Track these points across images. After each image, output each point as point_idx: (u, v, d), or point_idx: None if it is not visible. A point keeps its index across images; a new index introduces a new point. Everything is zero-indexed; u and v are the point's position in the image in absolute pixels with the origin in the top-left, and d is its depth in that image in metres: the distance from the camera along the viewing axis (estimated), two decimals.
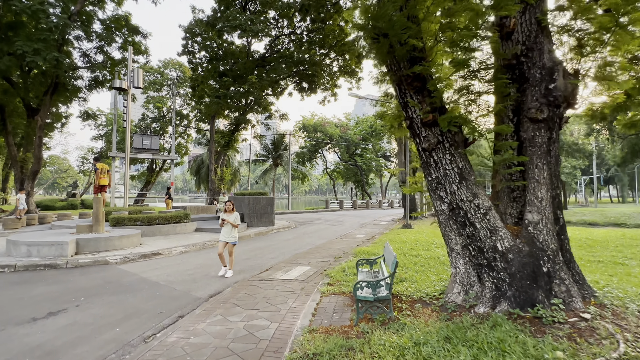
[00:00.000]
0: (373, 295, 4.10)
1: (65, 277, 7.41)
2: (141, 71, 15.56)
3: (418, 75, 4.23)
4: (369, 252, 9.22)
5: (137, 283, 6.96)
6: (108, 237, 9.67)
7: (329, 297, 5.50)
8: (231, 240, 7.35)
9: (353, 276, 6.62)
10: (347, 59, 28.92)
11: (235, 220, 7.39)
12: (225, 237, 7.34)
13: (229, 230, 7.34)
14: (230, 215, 7.42)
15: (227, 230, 7.34)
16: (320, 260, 8.68)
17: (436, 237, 12.38)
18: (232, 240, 7.36)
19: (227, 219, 7.32)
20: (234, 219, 7.38)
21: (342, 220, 22.45)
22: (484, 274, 4.18)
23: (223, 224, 7.37)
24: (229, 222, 7.31)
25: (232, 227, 7.37)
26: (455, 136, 4.27)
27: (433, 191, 4.43)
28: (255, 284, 6.50)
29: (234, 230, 7.41)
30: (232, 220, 7.33)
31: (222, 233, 7.39)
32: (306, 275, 7.10)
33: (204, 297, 6.05)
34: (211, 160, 28.47)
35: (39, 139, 21.92)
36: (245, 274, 7.83)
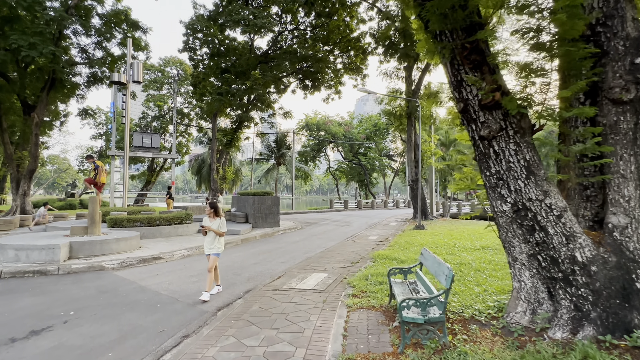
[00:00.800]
0: (423, 316, 3.34)
1: (55, 285, 6.65)
2: (141, 65, 14.82)
3: (476, 46, 3.46)
4: (388, 257, 8.45)
5: (135, 293, 6.19)
6: (104, 239, 8.91)
7: (357, 312, 4.73)
8: (214, 251, 6.04)
9: (379, 286, 5.86)
10: (352, 56, 28.17)
11: (220, 227, 6.05)
12: (208, 248, 6.07)
13: (211, 239, 6.03)
14: (213, 220, 6.11)
15: (210, 239, 6.04)
16: (337, 266, 7.91)
17: (456, 239, 11.62)
18: (214, 251, 6.04)
19: (210, 226, 5.99)
20: (218, 225, 6.06)
21: (349, 220, 21.68)
22: (558, 290, 3.41)
23: (205, 231, 6.01)
24: (211, 229, 5.96)
25: (216, 236, 6.04)
26: (520, 121, 3.50)
27: (492, 188, 3.66)
28: (269, 294, 5.73)
29: (219, 239, 6.07)
30: (216, 227, 6.01)
31: (205, 243, 6.13)
32: (325, 284, 6.33)
33: (211, 311, 5.29)
34: (213, 159, 27.70)
35: (35, 137, 21.17)
36: (256, 281, 7.07)
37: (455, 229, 15.67)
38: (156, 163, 35.85)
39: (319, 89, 30.15)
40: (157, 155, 26.00)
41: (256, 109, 29.66)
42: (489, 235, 12.92)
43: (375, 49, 26.41)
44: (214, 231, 6.00)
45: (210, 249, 6.05)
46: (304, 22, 28.43)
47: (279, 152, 41.24)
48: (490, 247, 9.69)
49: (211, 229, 6.00)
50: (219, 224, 6.09)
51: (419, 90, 20.73)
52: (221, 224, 6.12)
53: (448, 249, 9.64)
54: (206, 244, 6.10)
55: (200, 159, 41.17)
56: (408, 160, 20.92)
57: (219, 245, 6.12)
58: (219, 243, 6.10)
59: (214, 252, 6.05)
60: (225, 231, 6.16)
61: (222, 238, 6.16)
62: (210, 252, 6.04)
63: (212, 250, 6.04)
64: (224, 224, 6.16)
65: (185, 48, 26.26)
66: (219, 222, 6.11)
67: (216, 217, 6.14)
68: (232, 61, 26.13)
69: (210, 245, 6.05)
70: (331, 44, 27.62)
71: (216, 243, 6.07)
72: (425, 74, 21.17)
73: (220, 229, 6.08)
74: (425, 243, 10.75)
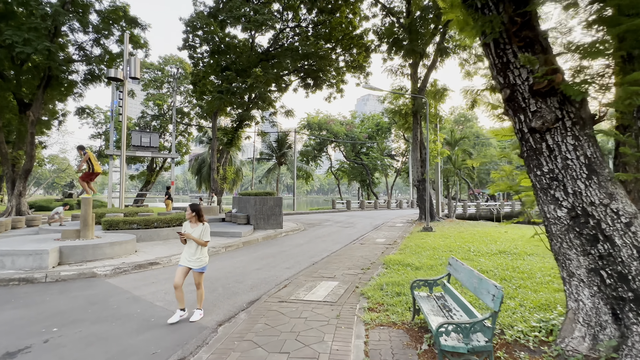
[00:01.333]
0: (465, 344, 2.77)
1: (41, 295, 6.09)
2: (138, 60, 14.27)
3: (528, 21, 2.90)
4: (401, 262, 7.88)
5: (128, 304, 5.63)
6: (97, 244, 8.35)
7: (377, 330, 4.17)
8: (196, 265, 4.85)
9: (397, 297, 5.29)
10: (355, 54, 27.62)
11: (203, 235, 4.91)
12: (186, 261, 4.88)
13: (192, 250, 4.89)
14: (195, 226, 4.95)
15: (191, 250, 4.90)
16: (347, 273, 7.34)
17: (468, 242, 11.05)
18: (197, 265, 4.86)
19: (190, 234, 4.85)
20: (201, 233, 4.90)
21: (352, 221, 21.10)
22: (627, 313, 2.84)
23: (185, 239, 4.88)
24: (191, 237, 4.82)
25: (198, 246, 4.90)
26: (580, 110, 2.94)
27: (543, 190, 3.09)
28: (276, 307, 5.16)
29: (202, 250, 4.93)
30: (198, 235, 4.87)
31: (183, 254, 4.98)
32: (336, 294, 5.76)
33: (211, 326, 4.72)
34: (213, 158, 27.16)
35: (31, 136, 20.62)
36: (260, 289, 6.51)
37: (465, 230, 15.10)
38: (156, 163, 35.32)
39: (320, 87, 29.63)
40: (157, 154, 25.41)
41: (257, 107, 29.10)
42: (502, 237, 12.35)
43: (379, 47, 25.86)
44: (195, 240, 4.84)
45: (190, 262, 4.88)
46: (305, 19, 27.90)
47: (280, 152, 40.68)
48: (508, 252, 9.12)
49: (192, 238, 4.83)
50: (201, 231, 4.92)
51: (425, 87, 20.16)
52: (204, 232, 4.95)
53: (463, 253, 9.06)
54: (185, 256, 4.92)
55: (200, 159, 40.64)
56: (413, 160, 20.34)
57: (203, 257, 4.95)
58: (202, 255, 4.93)
59: (197, 267, 4.88)
60: (209, 240, 4.99)
61: (205, 249, 5.00)
62: (193, 267, 4.87)
63: (194, 264, 4.88)
64: (207, 232, 4.98)
65: (185, 46, 25.73)
66: (202, 228, 4.94)
67: (198, 223, 4.98)
68: (232, 59, 25.58)
69: (191, 258, 4.90)
70: (333, 42, 27.08)
71: (199, 255, 4.90)
72: (432, 71, 20.60)
73: (203, 237, 4.91)
74: (437, 247, 10.18)
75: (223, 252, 10.52)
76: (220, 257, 9.81)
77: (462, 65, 21.71)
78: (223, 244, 11.17)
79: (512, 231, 15.01)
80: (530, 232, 14.85)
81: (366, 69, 28.32)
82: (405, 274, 6.74)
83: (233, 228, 14.08)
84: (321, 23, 26.78)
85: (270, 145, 41.59)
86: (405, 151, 47.03)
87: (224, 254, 10.35)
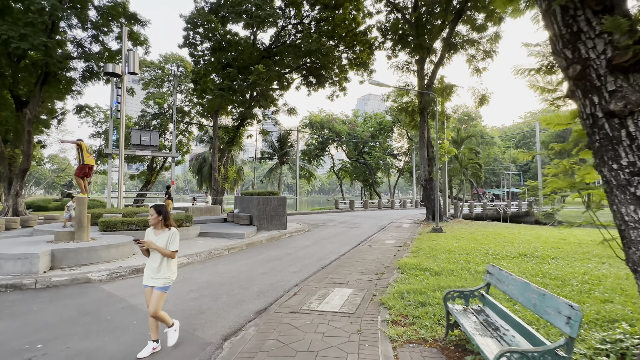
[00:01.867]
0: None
1: (28, 304, 5.56)
2: (137, 56, 13.77)
3: None
4: (417, 267, 7.35)
5: (123, 315, 5.10)
6: (92, 246, 7.82)
7: (406, 348, 3.63)
8: (159, 283, 3.71)
9: (422, 308, 4.75)
10: (358, 51, 27.06)
11: (171, 244, 3.77)
12: (149, 279, 3.77)
13: (156, 263, 3.73)
14: (160, 233, 3.81)
15: (154, 264, 3.75)
16: (361, 279, 6.80)
17: (483, 244, 10.51)
18: (160, 283, 3.72)
19: (153, 242, 3.73)
20: (168, 240, 3.77)
21: (357, 222, 20.57)
22: None
23: (147, 250, 3.77)
24: (154, 247, 3.68)
25: (164, 259, 3.75)
26: None
27: (620, 188, 2.56)
28: (287, 320, 4.62)
29: (168, 264, 3.78)
30: (163, 244, 3.74)
31: (145, 269, 3.87)
32: (353, 304, 5.23)
33: (215, 342, 4.20)
34: (214, 158, 26.64)
35: (28, 134, 20.12)
36: (267, 297, 5.98)
37: (476, 231, 14.56)
38: (156, 162, 34.83)
39: (323, 85, 29.11)
40: (157, 153, 24.90)
41: (259, 105, 28.58)
42: (517, 239, 11.81)
43: (383, 44, 25.33)
44: (159, 250, 3.67)
45: (153, 280, 3.72)
46: (308, 16, 27.37)
47: (282, 151, 40.16)
48: (530, 255, 8.58)
49: (154, 247, 3.67)
50: (168, 239, 3.77)
51: (432, 84, 19.62)
52: (171, 239, 3.78)
53: (481, 256, 8.52)
54: (147, 271, 3.79)
55: (201, 158, 40.14)
56: (421, 159, 19.80)
57: (169, 273, 3.78)
58: (168, 269, 3.77)
59: (159, 285, 3.70)
60: (177, 250, 3.81)
61: (173, 262, 3.84)
62: (154, 285, 3.71)
63: (158, 281, 3.71)
64: (175, 239, 3.80)
65: (186, 43, 25.23)
66: (169, 235, 3.79)
67: (164, 228, 3.84)
68: (233, 56, 25.06)
69: (154, 273, 3.72)
70: (336, 39, 26.54)
71: (164, 269, 3.74)
72: (439, 68, 20.05)
73: (170, 246, 3.74)
74: (452, 249, 9.64)
75: (226, 255, 10.00)
76: (224, 260, 9.29)
77: (469, 61, 21.19)
78: (226, 246, 10.65)
79: (525, 232, 14.47)
80: (542, 232, 14.27)
81: (370, 66, 27.75)
82: (426, 280, 6.21)
83: (236, 229, 13.56)
84: (324, 20, 26.26)
85: (272, 144, 41.07)
86: (408, 150, 46.48)
87: (227, 256, 9.83)
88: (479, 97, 19.96)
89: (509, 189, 47.25)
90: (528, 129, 59.34)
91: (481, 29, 19.54)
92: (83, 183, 8.75)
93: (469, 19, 19.51)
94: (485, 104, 19.65)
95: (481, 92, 19.70)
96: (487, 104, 19.62)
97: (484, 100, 19.71)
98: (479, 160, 24.77)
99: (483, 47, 20.22)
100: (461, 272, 6.68)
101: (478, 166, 27.41)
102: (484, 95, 19.79)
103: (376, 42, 26.09)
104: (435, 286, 5.64)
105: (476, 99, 19.78)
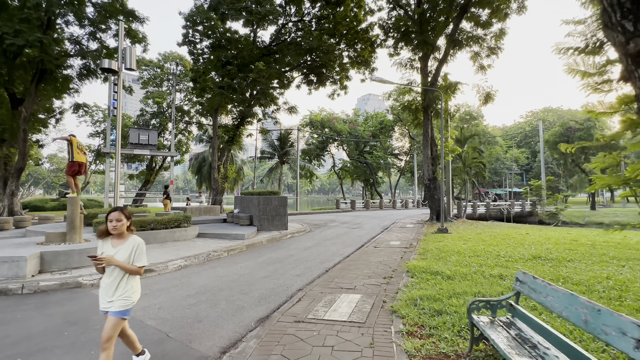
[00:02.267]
0: None
1: (12, 312, 5.16)
2: (134, 51, 13.36)
3: None
4: (427, 270, 6.95)
5: None
6: (85, 248, 7.43)
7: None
8: (117, 306, 2.93)
9: (439, 317, 4.36)
10: (359, 49, 26.66)
11: (137, 258, 2.99)
12: (106, 301, 2.97)
13: (115, 282, 2.96)
14: (120, 243, 3.00)
15: (113, 283, 2.96)
16: (368, 283, 6.41)
17: (492, 245, 10.12)
18: (118, 306, 2.93)
19: (111, 257, 2.90)
20: (132, 252, 2.98)
21: (359, 222, 20.18)
22: None
23: (102, 267, 2.92)
24: (115, 263, 2.89)
25: (125, 275, 2.98)
26: None
27: None
28: (292, 330, 4.23)
29: (128, 281, 3.00)
30: (126, 257, 2.95)
31: (100, 290, 3.04)
32: (362, 311, 4.83)
33: (213, 355, 3.81)
34: (214, 157, 26.25)
35: (23, 133, 19.74)
36: (269, 303, 5.59)
37: (483, 232, 14.17)
38: (155, 162, 34.45)
39: (324, 84, 28.73)
40: (155, 153, 24.51)
41: (259, 104, 28.19)
42: (527, 240, 11.42)
43: (385, 41, 24.94)
44: (123, 267, 2.89)
45: (109, 303, 2.93)
46: (309, 13, 27.01)
47: (282, 150, 39.76)
48: (544, 257, 8.18)
49: (116, 263, 2.87)
50: (132, 251, 2.96)
51: (436, 81, 19.23)
52: (137, 251, 2.98)
53: (493, 258, 8.13)
54: (103, 292, 2.98)
55: (200, 158, 39.75)
56: (424, 157, 19.41)
57: (129, 292, 2.98)
58: (130, 289, 2.99)
59: (117, 309, 2.91)
60: (145, 265, 3.05)
61: (136, 279, 3.07)
62: (110, 309, 2.92)
63: (116, 304, 2.91)
64: (142, 251, 3.01)
65: (185, 42, 24.85)
66: (133, 246, 2.99)
67: (126, 236, 3.03)
68: (233, 54, 24.68)
69: (110, 295, 2.93)
70: (337, 37, 26.15)
71: (123, 288, 2.94)
72: (443, 65, 19.67)
73: (137, 261, 2.97)
74: (460, 251, 9.25)
75: (225, 257, 9.61)
76: (223, 262, 8.90)
77: (473, 59, 20.80)
78: (225, 247, 10.26)
79: (533, 233, 14.09)
80: (551, 233, 13.86)
81: (371, 64, 27.34)
82: (438, 285, 5.82)
83: (235, 230, 13.17)
84: (325, 17, 25.90)
85: (272, 143, 40.68)
86: (409, 150, 46.10)
87: (226, 258, 9.44)
88: (484, 95, 19.57)
89: (511, 189, 46.87)
90: (530, 128, 58.97)
91: (486, 25, 19.17)
92: (74, 182, 8.35)
93: (473, 16, 19.14)
94: (490, 102, 19.27)
95: (486, 90, 19.33)
96: (492, 102, 19.25)
97: (489, 98, 19.33)
98: (483, 159, 24.41)
99: (488, 43, 19.84)
100: (475, 277, 6.29)
101: (482, 165, 27.01)
102: (488, 93, 19.41)
103: (378, 39, 25.70)
104: (450, 292, 5.25)
105: (481, 97, 19.40)
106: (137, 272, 3.00)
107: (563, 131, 38.74)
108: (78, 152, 7.92)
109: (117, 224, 2.98)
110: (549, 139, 40.19)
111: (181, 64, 34.09)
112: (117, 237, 3.03)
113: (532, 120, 62.02)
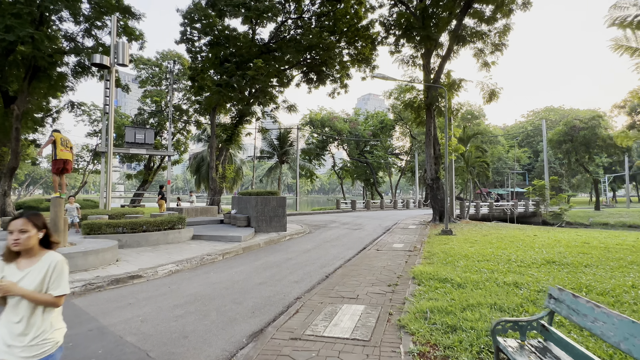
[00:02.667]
0: None
1: None
2: (127, 46, 12.89)
3: None
4: (435, 277, 6.45)
5: (88, 340, 4.22)
6: (68, 253, 6.93)
7: None
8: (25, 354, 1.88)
9: (454, 334, 3.86)
10: (360, 47, 26.15)
11: (53, 283, 1.96)
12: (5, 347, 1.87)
13: (23, 319, 1.90)
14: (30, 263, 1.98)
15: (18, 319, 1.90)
16: (372, 291, 5.91)
17: (501, 248, 9.62)
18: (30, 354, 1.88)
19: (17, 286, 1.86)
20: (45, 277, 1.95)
21: (360, 223, 19.69)
22: None
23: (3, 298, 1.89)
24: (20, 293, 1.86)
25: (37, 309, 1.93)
26: None
27: None
28: (287, 351, 3.73)
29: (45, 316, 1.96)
30: (36, 285, 1.92)
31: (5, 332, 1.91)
32: (367, 326, 4.34)
33: None
34: (212, 156, 25.74)
35: (16, 131, 19.24)
36: (263, 315, 5.10)
37: (489, 234, 13.67)
38: (153, 161, 33.97)
39: (324, 82, 28.22)
40: (152, 152, 24.03)
41: (258, 102, 27.70)
42: (536, 243, 10.92)
43: (386, 38, 24.43)
44: (31, 298, 1.89)
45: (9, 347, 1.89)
46: (308, 10, 26.53)
47: (281, 150, 39.24)
48: (558, 262, 7.69)
49: (21, 293, 1.87)
50: (46, 275, 1.96)
51: (439, 78, 18.73)
52: (54, 275, 1.98)
53: (504, 264, 7.63)
54: (4, 332, 1.91)
55: (199, 157, 39.26)
56: (427, 157, 18.92)
57: (48, 335, 1.97)
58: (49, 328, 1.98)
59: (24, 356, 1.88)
60: (66, 293, 1.99)
61: (55, 313, 2.03)
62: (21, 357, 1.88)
63: (22, 350, 1.88)
64: (62, 274, 2.01)
65: (183, 39, 24.38)
66: (48, 267, 1.98)
67: (34, 256, 2.00)
68: (232, 52, 24.20)
69: (15, 337, 1.89)
70: (338, 34, 25.65)
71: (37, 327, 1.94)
72: (446, 61, 19.18)
73: (52, 288, 1.96)
74: (468, 255, 8.75)
75: (220, 261, 9.12)
76: (217, 266, 8.41)
77: (477, 55, 20.31)
78: (220, 250, 9.77)
79: (542, 235, 13.59)
80: (560, 235, 13.36)
81: (372, 62, 26.83)
82: (449, 294, 5.32)
83: (232, 231, 12.68)
84: (325, 14, 25.40)
85: (271, 143, 40.15)
86: (410, 149, 45.59)
87: (221, 262, 8.95)
88: (488, 93, 19.08)
89: (513, 189, 46.36)
90: (532, 127, 58.42)
91: (490, 21, 18.67)
92: (61, 180, 7.86)
93: (477, 12, 18.64)
94: (494, 99, 18.76)
95: (490, 87, 18.83)
96: (496, 100, 18.75)
97: (493, 95, 18.83)
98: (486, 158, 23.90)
99: (492, 40, 19.34)
100: (488, 285, 5.79)
101: (485, 165, 26.50)
102: (493, 91, 18.91)
103: (379, 37, 25.20)
104: (464, 303, 4.76)
105: (485, 95, 18.90)
106: (52, 303, 1.94)
107: (567, 130, 38.21)
108: (62, 149, 7.41)
109: (21, 237, 1.93)
110: (553, 138, 39.67)
111: (179, 62, 33.61)
112: (25, 255, 1.98)
113: (533, 119, 61.47)
